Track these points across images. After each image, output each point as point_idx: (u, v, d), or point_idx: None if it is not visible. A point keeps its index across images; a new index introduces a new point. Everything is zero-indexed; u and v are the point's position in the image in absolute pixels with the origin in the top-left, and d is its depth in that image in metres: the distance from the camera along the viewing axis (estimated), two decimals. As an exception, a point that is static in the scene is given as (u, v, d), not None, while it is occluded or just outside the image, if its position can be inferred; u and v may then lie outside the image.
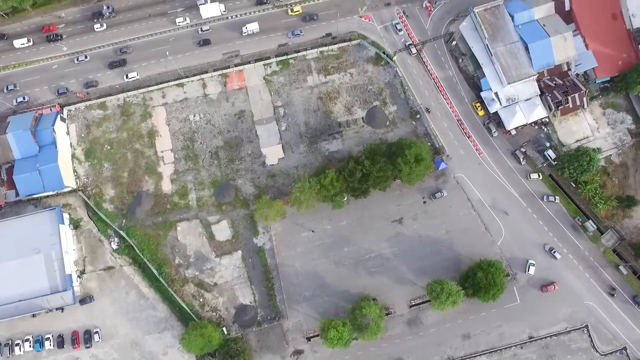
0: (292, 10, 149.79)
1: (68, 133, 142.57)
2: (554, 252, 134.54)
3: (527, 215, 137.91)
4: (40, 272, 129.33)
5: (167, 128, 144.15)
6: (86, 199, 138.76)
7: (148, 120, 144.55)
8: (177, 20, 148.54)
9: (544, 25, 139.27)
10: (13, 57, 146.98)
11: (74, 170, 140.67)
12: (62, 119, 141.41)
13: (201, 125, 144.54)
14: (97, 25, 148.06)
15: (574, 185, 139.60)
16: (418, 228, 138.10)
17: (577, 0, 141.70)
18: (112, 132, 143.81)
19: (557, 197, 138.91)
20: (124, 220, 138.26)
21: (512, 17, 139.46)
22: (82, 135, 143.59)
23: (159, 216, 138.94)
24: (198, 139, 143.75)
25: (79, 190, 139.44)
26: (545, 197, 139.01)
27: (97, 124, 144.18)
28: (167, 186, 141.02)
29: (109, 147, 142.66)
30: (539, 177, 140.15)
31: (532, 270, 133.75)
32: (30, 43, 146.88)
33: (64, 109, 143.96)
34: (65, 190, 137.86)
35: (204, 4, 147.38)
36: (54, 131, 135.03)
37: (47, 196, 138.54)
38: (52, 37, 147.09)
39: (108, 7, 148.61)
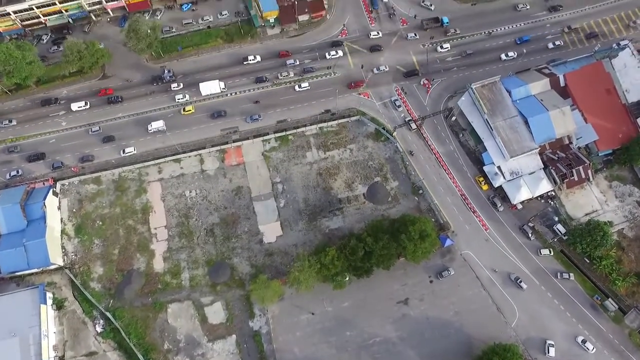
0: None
1: (59, 208, 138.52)
2: (579, 339, 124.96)
3: (541, 294, 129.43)
4: (14, 358, 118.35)
5: (162, 204, 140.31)
6: (73, 278, 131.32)
7: (143, 195, 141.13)
8: (177, 97, 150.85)
9: (541, 100, 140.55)
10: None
11: (62, 247, 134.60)
12: (55, 193, 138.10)
13: (197, 201, 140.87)
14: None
15: (588, 261, 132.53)
16: (425, 309, 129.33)
17: (571, 77, 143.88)
18: (105, 207, 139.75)
19: (571, 274, 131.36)
20: (111, 301, 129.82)
21: (509, 92, 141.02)
22: (74, 210, 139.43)
23: (149, 297, 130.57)
24: (193, 216, 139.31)
25: (65, 268, 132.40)
26: (558, 274, 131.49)
27: (90, 199, 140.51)
28: (159, 264, 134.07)
29: (100, 223, 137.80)
30: (550, 252, 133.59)
31: (552, 352, 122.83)
32: (87, 106, 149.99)
33: (57, 183, 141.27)
34: (52, 267, 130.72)
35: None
36: (44, 205, 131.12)
37: (32, 273, 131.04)
38: (112, 99, 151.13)
39: (169, 72, 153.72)
